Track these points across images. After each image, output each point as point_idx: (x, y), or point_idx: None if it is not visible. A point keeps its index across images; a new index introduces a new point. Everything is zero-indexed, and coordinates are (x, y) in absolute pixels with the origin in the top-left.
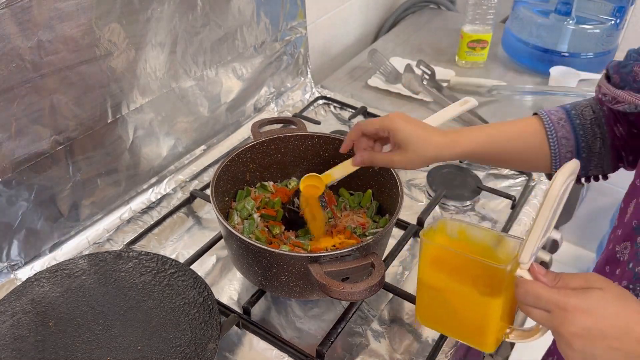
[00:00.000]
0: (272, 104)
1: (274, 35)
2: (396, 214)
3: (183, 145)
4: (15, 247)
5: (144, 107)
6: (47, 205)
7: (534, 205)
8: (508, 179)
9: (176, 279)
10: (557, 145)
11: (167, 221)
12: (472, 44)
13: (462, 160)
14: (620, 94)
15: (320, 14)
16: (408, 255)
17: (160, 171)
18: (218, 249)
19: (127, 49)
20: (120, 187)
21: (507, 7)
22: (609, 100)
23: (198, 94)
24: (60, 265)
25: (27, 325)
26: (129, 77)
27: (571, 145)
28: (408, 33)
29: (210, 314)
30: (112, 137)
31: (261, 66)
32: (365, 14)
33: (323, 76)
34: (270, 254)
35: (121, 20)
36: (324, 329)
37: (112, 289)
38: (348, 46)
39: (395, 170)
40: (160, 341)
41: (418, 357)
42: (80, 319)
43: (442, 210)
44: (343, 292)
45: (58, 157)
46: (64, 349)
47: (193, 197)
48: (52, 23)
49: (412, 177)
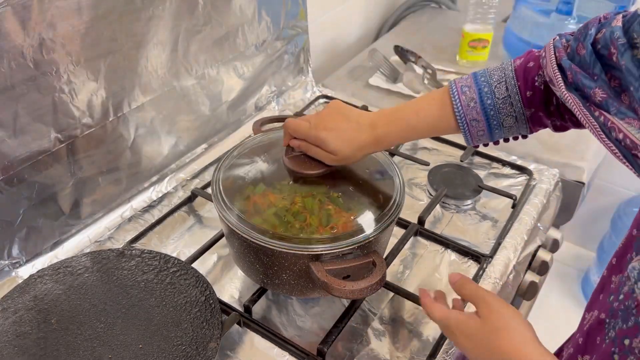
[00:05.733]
0: (273, 103)
1: (275, 34)
2: (395, 210)
3: (184, 143)
4: (17, 245)
5: (146, 105)
6: (48, 203)
7: (535, 205)
8: (509, 178)
9: (178, 277)
10: (468, 128)
11: (168, 219)
12: (473, 43)
13: (463, 160)
14: (566, 96)
15: (322, 13)
16: (409, 254)
17: (161, 170)
18: (219, 247)
19: (129, 47)
20: (122, 185)
21: (508, 7)
22: (549, 80)
23: (199, 92)
24: (62, 263)
25: (29, 322)
26: (131, 75)
27: (482, 127)
28: (409, 32)
29: (212, 313)
30: (114, 136)
31: (262, 65)
32: (366, 13)
33: (324, 75)
34: (272, 251)
35: (123, 18)
36: (325, 327)
37: (114, 286)
38: (349, 45)
39: (398, 168)
40: (161, 340)
41: (419, 356)
42: (82, 316)
43: (443, 209)
44: (344, 290)
45: (59, 155)
46: (65, 346)
47: (194, 195)
48: (54, 21)
49: (412, 176)
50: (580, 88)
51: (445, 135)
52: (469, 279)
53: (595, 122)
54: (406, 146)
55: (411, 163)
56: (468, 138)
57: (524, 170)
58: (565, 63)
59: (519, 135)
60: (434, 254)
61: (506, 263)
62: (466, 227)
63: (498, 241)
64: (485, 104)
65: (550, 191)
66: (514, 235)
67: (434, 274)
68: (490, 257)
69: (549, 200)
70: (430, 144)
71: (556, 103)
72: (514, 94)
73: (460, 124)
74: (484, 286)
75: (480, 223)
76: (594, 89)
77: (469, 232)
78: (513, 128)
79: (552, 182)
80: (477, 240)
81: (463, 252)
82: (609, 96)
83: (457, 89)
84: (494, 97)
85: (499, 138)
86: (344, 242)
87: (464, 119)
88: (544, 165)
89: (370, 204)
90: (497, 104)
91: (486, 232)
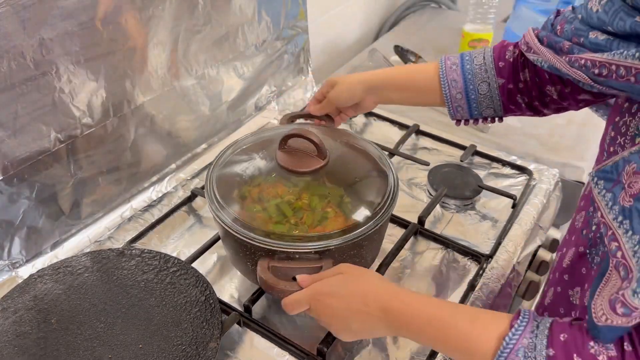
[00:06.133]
0: (273, 103)
1: (275, 34)
2: (368, 228)
3: (184, 143)
4: (17, 245)
5: (146, 105)
6: (48, 203)
7: (535, 205)
8: (509, 178)
9: (178, 277)
10: (448, 87)
11: (168, 219)
12: (473, 43)
13: (463, 160)
14: (541, 49)
15: (321, 13)
16: (409, 254)
17: (161, 169)
18: (219, 247)
19: (129, 47)
20: (122, 185)
21: (508, 7)
22: (526, 49)
23: (199, 92)
24: (63, 263)
25: (29, 322)
26: (131, 75)
27: (460, 87)
28: (409, 32)
29: (212, 313)
30: (114, 136)
31: (262, 65)
32: (366, 13)
33: (324, 75)
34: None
35: (123, 18)
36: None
37: (114, 286)
38: (349, 45)
39: (393, 167)
40: (161, 339)
41: (419, 356)
42: (82, 316)
43: (443, 209)
44: (261, 280)
45: (59, 155)
46: (65, 346)
47: (194, 195)
48: (54, 21)
49: (412, 176)
50: (552, 45)
51: (425, 95)
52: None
53: (563, 58)
54: (406, 146)
55: (411, 163)
56: (447, 95)
57: (524, 170)
58: (540, 34)
59: (493, 109)
60: (434, 254)
61: (506, 263)
62: (466, 227)
63: (498, 241)
64: (465, 68)
65: (550, 191)
66: (514, 235)
67: (434, 274)
68: (490, 257)
69: (549, 200)
70: (430, 144)
71: (524, 79)
72: (489, 63)
73: (442, 80)
74: (483, 286)
75: (480, 223)
76: (561, 42)
77: (469, 232)
78: (487, 97)
79: (552, 182)
80: (477, 240)
81: (463, 252)
82: (573, 44)
83: (444, 58)
84: (472, 63)
85: (475, 106)
86: (301, 244)
87: (445, 78)
88: (544, 165)
89: (359, 209)
90: (474, 69)
91: (486, 232)
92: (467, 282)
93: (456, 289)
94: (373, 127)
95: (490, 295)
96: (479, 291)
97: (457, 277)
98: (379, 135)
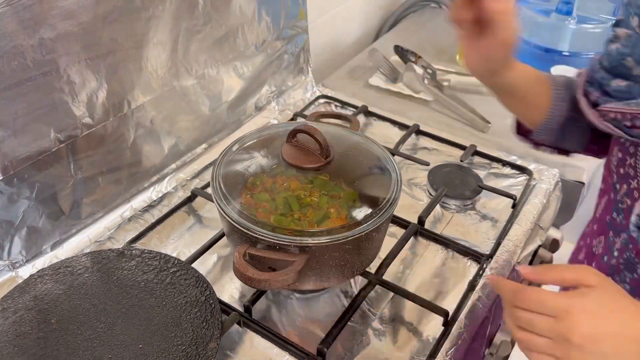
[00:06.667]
0: (273, 103)
1: (275, 34)
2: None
3: (184, 143)
4: (17, 245)
5: (146, 105)
6: (48, 203)
7: (535, 205)
8: (509, 178)
9: (178, 277)
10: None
11: (168, 219)
12: None
13: (463, 160)
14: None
15: (321, 13)
16: (409, 254)
17: (161, 169)
18: (219, 247)
19: (129, 47)
20: (122, 185)
21: None
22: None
23: (199, 92)
24: (63, 263)
25: (29, 322)
26: (131, 75)
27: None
28: (409, 32)
29: (212, 313)
30: (114, 136)
31: (262, 65)
32: (366, 13)
33: (324, 75)
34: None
35: (122, 18)
36: (325, 327)
37: (114, 286)
38: (349, 45)
39: (397, 166)
40: (161, 340)
41: (419, 356)
42: (82, 316)
43: (443, 209)
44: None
45: (60, 155)
46: (65, 346)
47: (194, 195)
48: (54, 21)
49: (412, 176)
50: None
51: (536, 105)
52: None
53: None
54: (406, 146)
55: (411, 163)
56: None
57: (524, 170)
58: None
59: (577, 136)
60: (434, 254)
61: (506, 263)
62: (466, 227)
63: (498, 241)
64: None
65: (550, 191)
66: (514, 235)
67: (434, 274)
68: (490, 257)
69: (549, 200)
70: (430, 144)
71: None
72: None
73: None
74: (483, 286)
75: (480, 223)
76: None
77: (469, 232)
78: (573, 121)
79: (552, 182)
80: (477, 240)
81: (463, 252)
82: (600, 94)
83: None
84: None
85: (560, 121)
86: (285, 236)
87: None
88: (544, 165)
89: (356, 211)
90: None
91: (486, 232)
92: (467, 282)
93: (456, 289)
94: (373, 127)
95: (490, 295)
96: (479, 291)
97: (457, 277)
98: (379, 135)
